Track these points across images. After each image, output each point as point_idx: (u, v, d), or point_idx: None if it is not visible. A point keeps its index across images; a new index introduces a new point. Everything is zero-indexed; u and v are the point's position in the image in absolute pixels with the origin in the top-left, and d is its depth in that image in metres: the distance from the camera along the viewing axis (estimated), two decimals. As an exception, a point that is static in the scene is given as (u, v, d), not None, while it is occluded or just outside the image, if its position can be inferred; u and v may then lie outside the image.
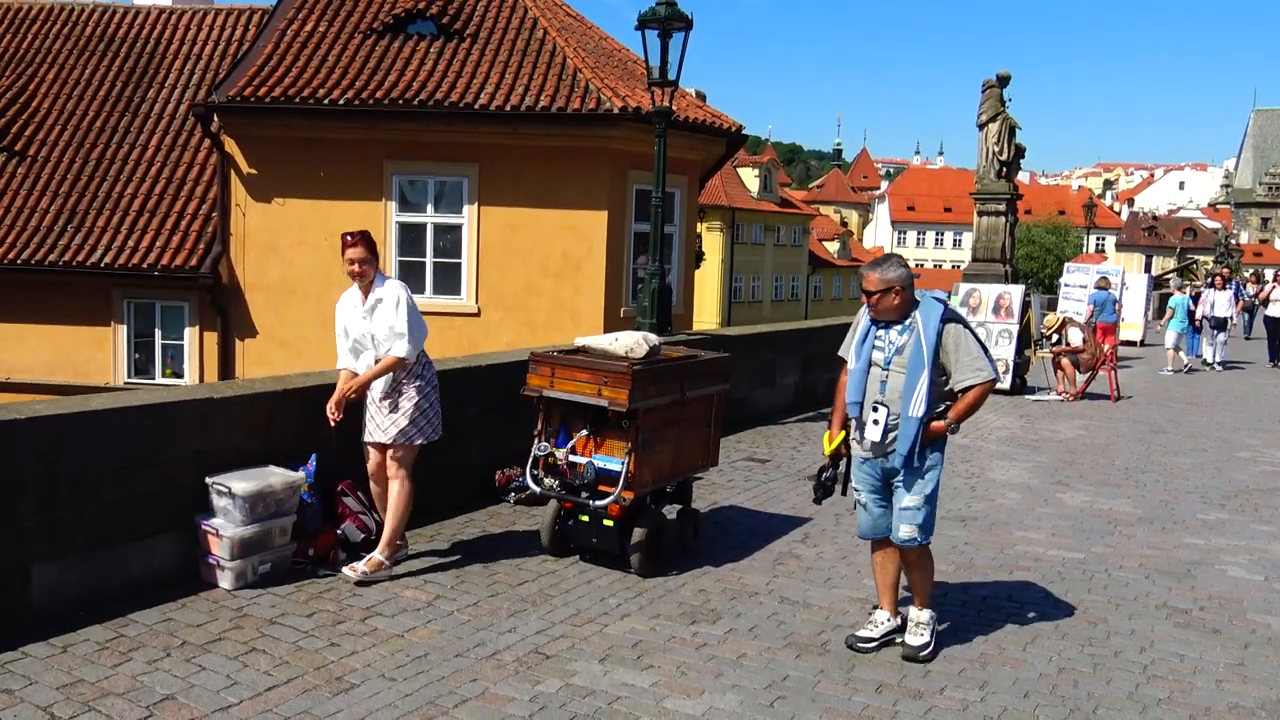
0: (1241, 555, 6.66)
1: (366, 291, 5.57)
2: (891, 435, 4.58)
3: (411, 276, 14.83)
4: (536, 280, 14.84)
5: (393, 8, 16.12)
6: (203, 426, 5.36)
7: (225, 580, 5.19)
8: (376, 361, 5.52)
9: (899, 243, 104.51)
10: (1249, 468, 9.65)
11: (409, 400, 5.53)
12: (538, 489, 5.86)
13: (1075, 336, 14.23)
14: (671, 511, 6.28)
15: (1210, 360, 19.01)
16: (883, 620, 4.90)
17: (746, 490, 7.88)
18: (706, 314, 48.43)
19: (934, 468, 4.65)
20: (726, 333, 12.22)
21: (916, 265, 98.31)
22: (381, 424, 5.54)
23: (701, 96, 38.61)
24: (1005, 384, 14.13)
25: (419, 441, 5.58)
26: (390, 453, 5.54)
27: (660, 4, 9.67)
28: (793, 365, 11.83)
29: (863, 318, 4.79)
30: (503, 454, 7.21)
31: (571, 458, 5.72)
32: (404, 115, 14.39)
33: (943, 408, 4.59)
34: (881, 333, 4.68)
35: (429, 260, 14.91)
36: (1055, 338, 14.35)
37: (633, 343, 5.82)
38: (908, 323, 4.62)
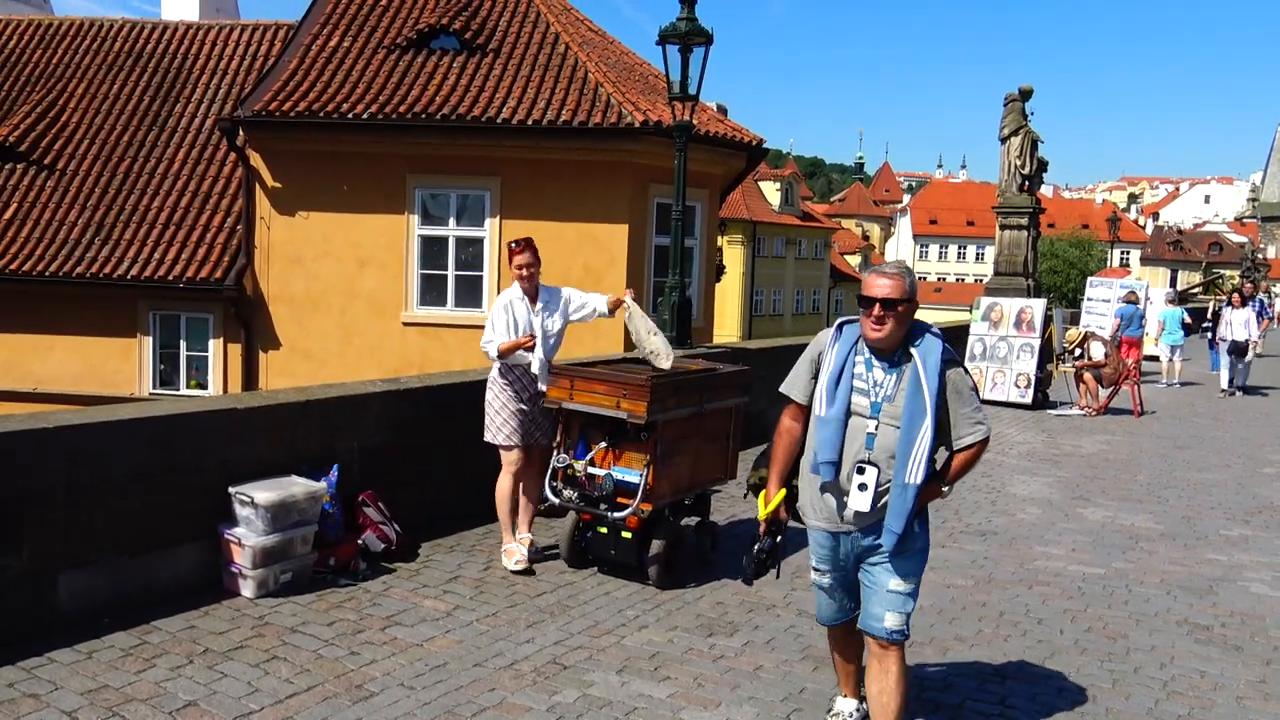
0: (1265, 572, 6.61)
1: (534, 293, 6.04)
2: (881, 505, 3.58)
3: (433, 289, 14.94)
4: (557, 293, 14.87)
5: (416, 23, 16.28)
6: (226, 437, 5.43)
7: (247, 589, 5.24)
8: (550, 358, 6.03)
9: (921, 256, 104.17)
10: (1274, 484, 9.56)
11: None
12: (557, 500, 5.89)
13: (1097, 351, 14.16)
14: (690, 524, 6.30)
15: (1226, 386, 16.73)
16: (850, 711, 4.10)
17: (765, 503, 7.86)
18: (728, 327, 48.39)
19: (923, 545, 3.73)
20: (746, 346, 12.22)
21: (939, 279, 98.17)
22: (542, 425, 6.00)
23: (723, 110, 38.66)
24: (1027, 399, 14.08)
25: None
26: (539, 456, 6.05)
27: (681, 19, 9.72)
28: (812, 379, 11.79)
29: (831, 346, 3.69)
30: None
31: (590, 469, 5.76)
32: (427, 129, 14.52)
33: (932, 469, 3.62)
34: (862, 369, 3.60)
35: (451, 273, 15.00)
36: (1078, 352, 14.28)
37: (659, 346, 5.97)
38: (899, 358, 3.58)
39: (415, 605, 5.29)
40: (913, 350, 3.55)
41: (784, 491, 3.86)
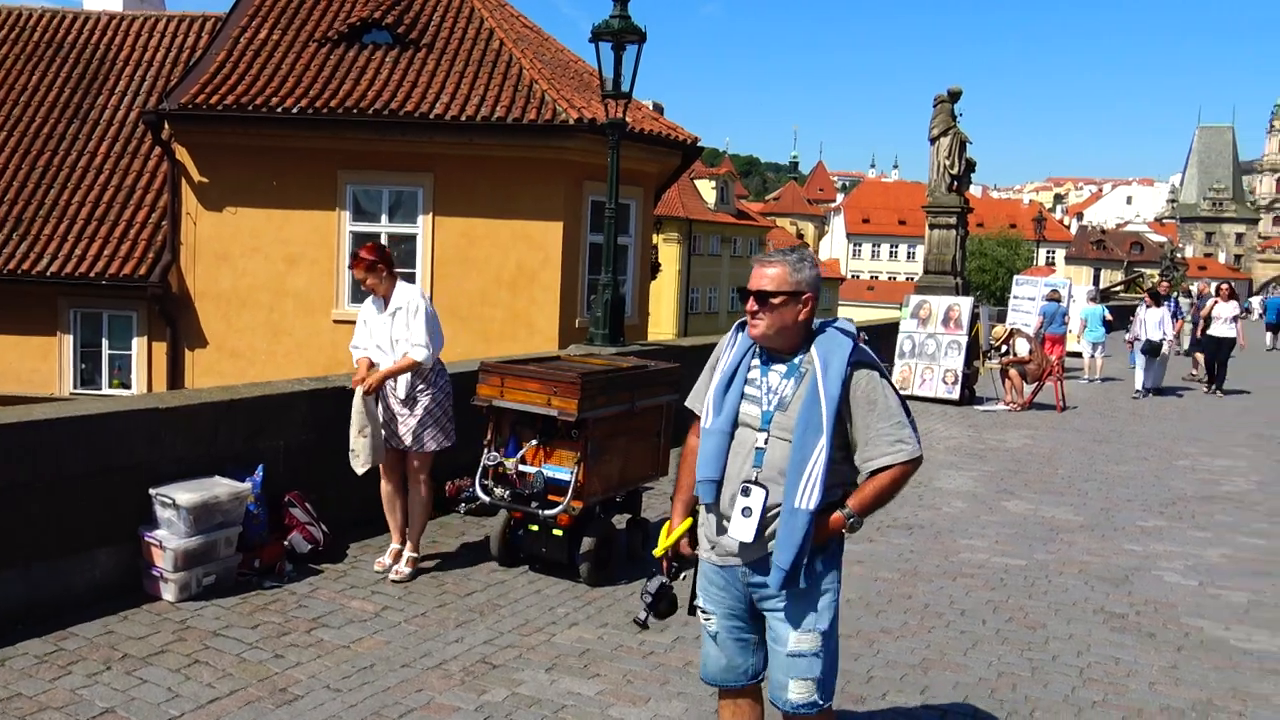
0: (1178, 561, 6.83)
1: (386, 298, 5.85)
2: (770, 533, 3.00)
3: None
4: (491, 291, 14.81)
5: (348, 17, 16.06)
6: (147, 437, 5.31)
7: (169, 592, 5.14)
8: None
9: (855, 254, 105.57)
10: (1187, 476, 9.88)
11: (423, 407, 5.76)
12: (487, 499, 5.88)
13: (1022, 347, 14.49)
14: (621, 521, 6.32)
15: (1139, 388, 16.27)
16: None
17: (697, 500, 7.92)
18: (663, 325, 48.55)
19: (831, 589, 3.05)
20: (679, 343, 12.28)
21: (872, 277, 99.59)
22: (399, 430, 5.74)
23: (659, 109, 38.71)
24: (955, 395, 14.36)
25: (432, 448, 5.79)
26: (409, 458, 5.79)
27: (614, 17, 9.74)
28: (745, 376, 11.90)
29: (728, 347, 3.17)
30: (453, 464, 7.19)
31: (521, 467, 5.75)
32: (358, 125, 14.33)
33: (840, 494, 3.02)
34: (757, 373, 3.07)
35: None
36: (1004, 349, 14.61)
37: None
38: (799, 360, 3.02)
39: (342, 606, 5.24)
40: (814, 350, 3.00)
41: (688, 521, 3.24)
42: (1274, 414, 14.92)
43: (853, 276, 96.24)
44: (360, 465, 5.66)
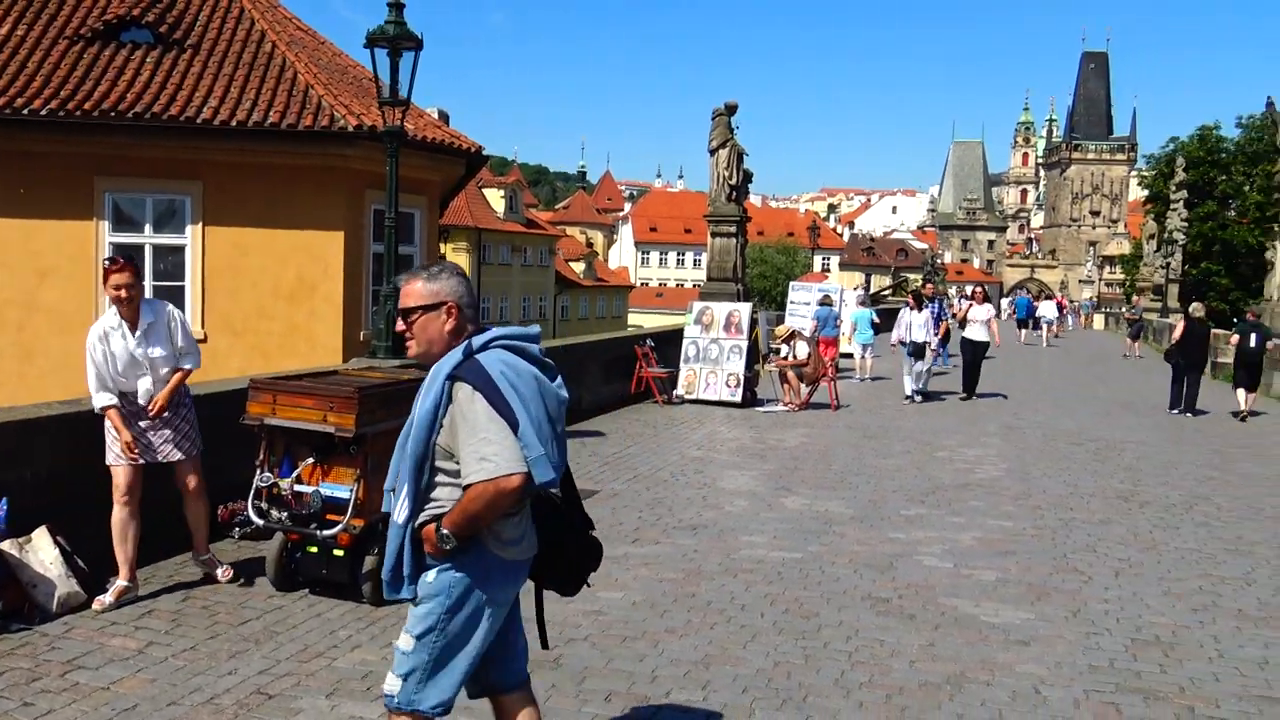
0: (936, 546, 7.35)
1: (134, 317, 5.48)
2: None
3: (128, 301, 13.82)
4: (269, 304, 14.21)
5: (103, 13, 15.04)
6: None
7: (-105, 643, 4.66)
8: (162, 383, 5.58)
9: (643, 262, 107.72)
10: (945, 466, 10.65)
11: (183, 415, 5.67)
12: (262, 522, 5.64)
13: (802, 350, 15.21)
14: (406, 537, 6.19)
15: (908, 391, 16.34)
16: None
17: (486, 511, 7.87)
18: (455, 335, 47.93)
19: (436, 600, 3.00)
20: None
21: (660, 284, 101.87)
22: (161, 444, 5.58)
23: (444, 116, 38.13)
24: (738, 398, 14.89)
25: (196, 453, 5.71)
26: (181, 471, 5.69)
27: (390, 23, 9.58)
28: (535, 385, 11.92)
29: None
30: (225, 488, 6.84)
31: (297, 487, 5.56)
32: (116, 129, 13.43)
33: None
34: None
35: (149, 284, 13.93)
36: (784, 350, 15.27)
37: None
38: (431, 375, 3.06)
39: (101, 645, 4.89)
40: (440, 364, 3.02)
41: None
42: (1021, 405, 16.29)
43: (642, 284, 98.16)
44: None
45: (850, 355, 20.12)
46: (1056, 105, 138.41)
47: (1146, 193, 57.44)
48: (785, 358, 15.22)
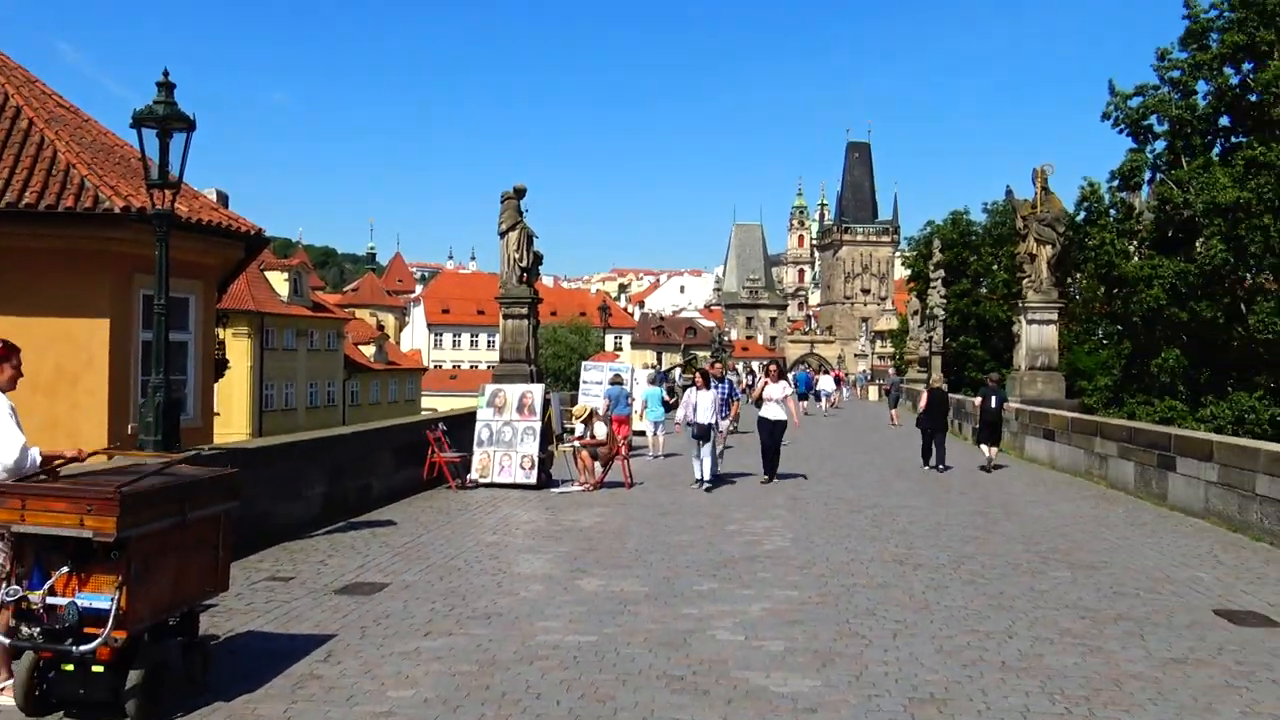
0: (727, 620, 7.50)
1: None
2: None
3: None
4: (24, 398, 12.98)
5: None
6: None
7: None
8: None
9: (436, 344, 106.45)
10: (736, 539, 10.93)
11: None
12: (8, 641, 5.12)
13: (600, 430, 15.36)
14: (175, 646, 5.78)
15: (698, 476, 15.14)
16: None
17: (267, 612, 7.47)
18: (235, 424, 45.61)
19: None
20: (244, 445, 11.60)
21: (454, 366, 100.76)
22: None
23: (224, 198, 36.90)
24: (533, 479, 14.83)
25: None
26: None
27: (158, 103, 9.20)
28: (320, 475, 11.50)
29: None
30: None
31: (50, 599, 5.08)
32: None
33: None
34: None
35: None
36: (580, 429, 15.36)
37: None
38: None
39: None
40: None
41: None
42: (806, 476, 16.95)
43: (435, 366, 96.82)
44: None
45: (643, 433, 20.48)
46: (827, 190, 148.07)
47: (909, 272, 61.74)
48: (583, 437, 15.32)
